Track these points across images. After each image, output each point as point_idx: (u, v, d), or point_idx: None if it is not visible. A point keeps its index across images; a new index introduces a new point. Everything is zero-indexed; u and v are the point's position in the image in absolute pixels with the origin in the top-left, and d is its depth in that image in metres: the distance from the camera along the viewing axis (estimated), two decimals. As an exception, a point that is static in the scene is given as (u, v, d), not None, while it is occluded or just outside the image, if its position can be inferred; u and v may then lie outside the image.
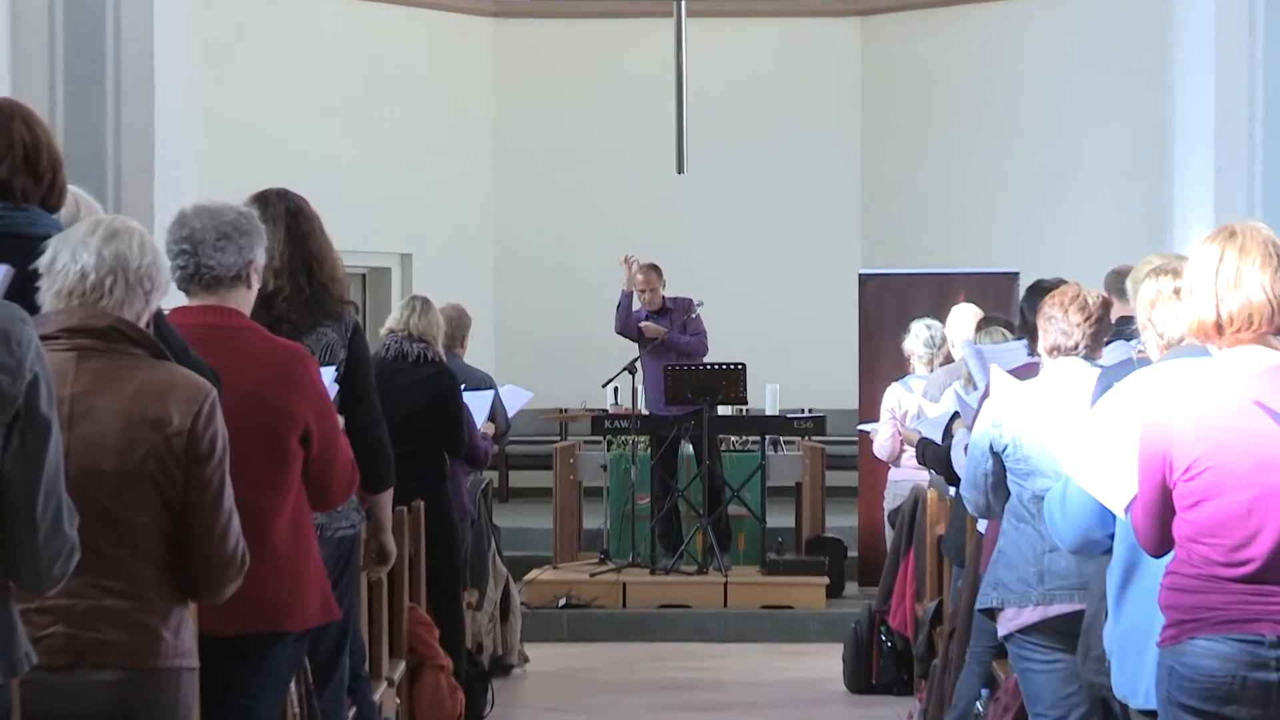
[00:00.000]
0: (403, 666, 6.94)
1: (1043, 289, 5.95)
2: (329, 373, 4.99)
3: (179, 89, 9.81)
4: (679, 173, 14.55)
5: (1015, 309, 9.01)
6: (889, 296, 12.38)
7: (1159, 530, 3.76)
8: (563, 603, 11.44)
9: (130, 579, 3.51)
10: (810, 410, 12.87)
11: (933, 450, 7.37)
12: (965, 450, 5.82)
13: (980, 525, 6.34)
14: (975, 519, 6.38)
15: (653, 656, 10.80)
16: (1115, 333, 5.58)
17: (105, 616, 3.49)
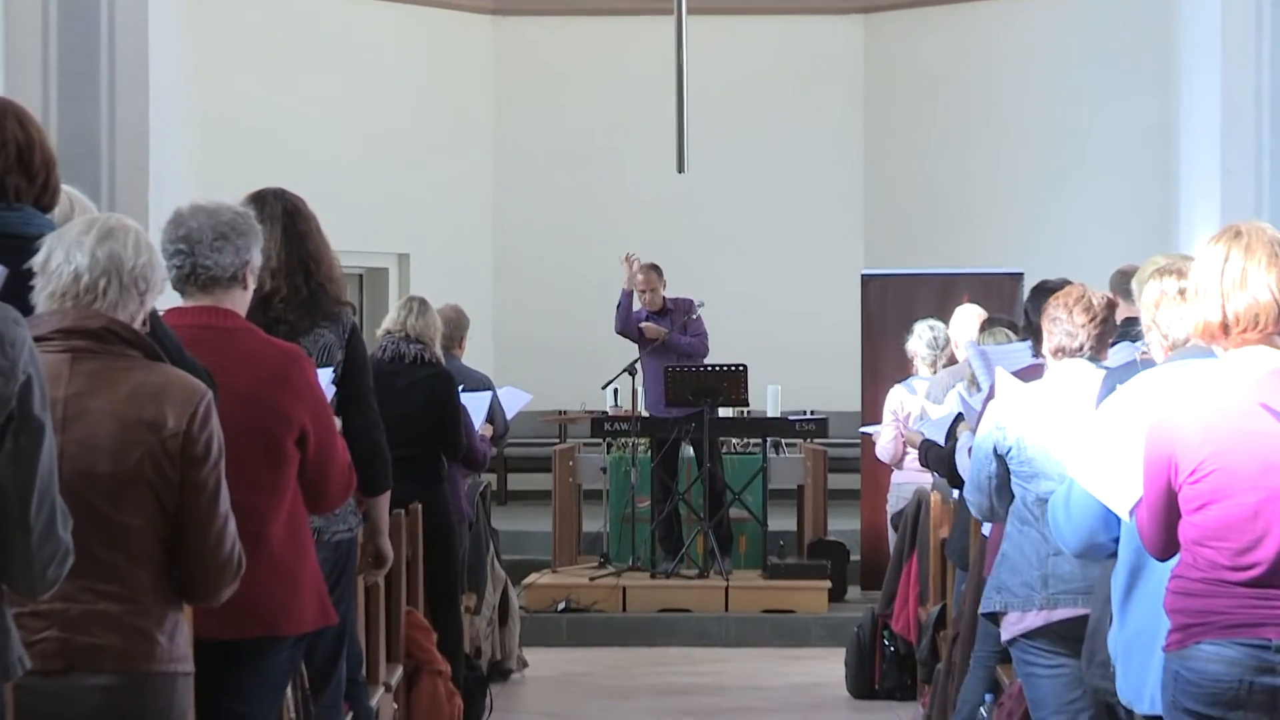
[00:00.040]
0: (400, 671, 6.92)
1: (1047, 290, 5.96)
2: (326, 374, 5.00)
3: (174, 87, 9.81)
4: (679, 172, 14.48)
5: (1019, 310, 8.99)
6: (892, 297, 12.35)
7: (1164, 533, 3.75)
8: (562, 607, 11.41)
9: (124, 582, 3.49)
10: (812, 412, 12.82)
11: (935, 452, 7.37)
12: (969, 453, 5.80)
13: (984, 528, 6.32)
14: (979, 522, 6.36)
15: (653, 661, 10.77)
16: (1121, 334, 5.58)
17: (99, 620, 3.47)
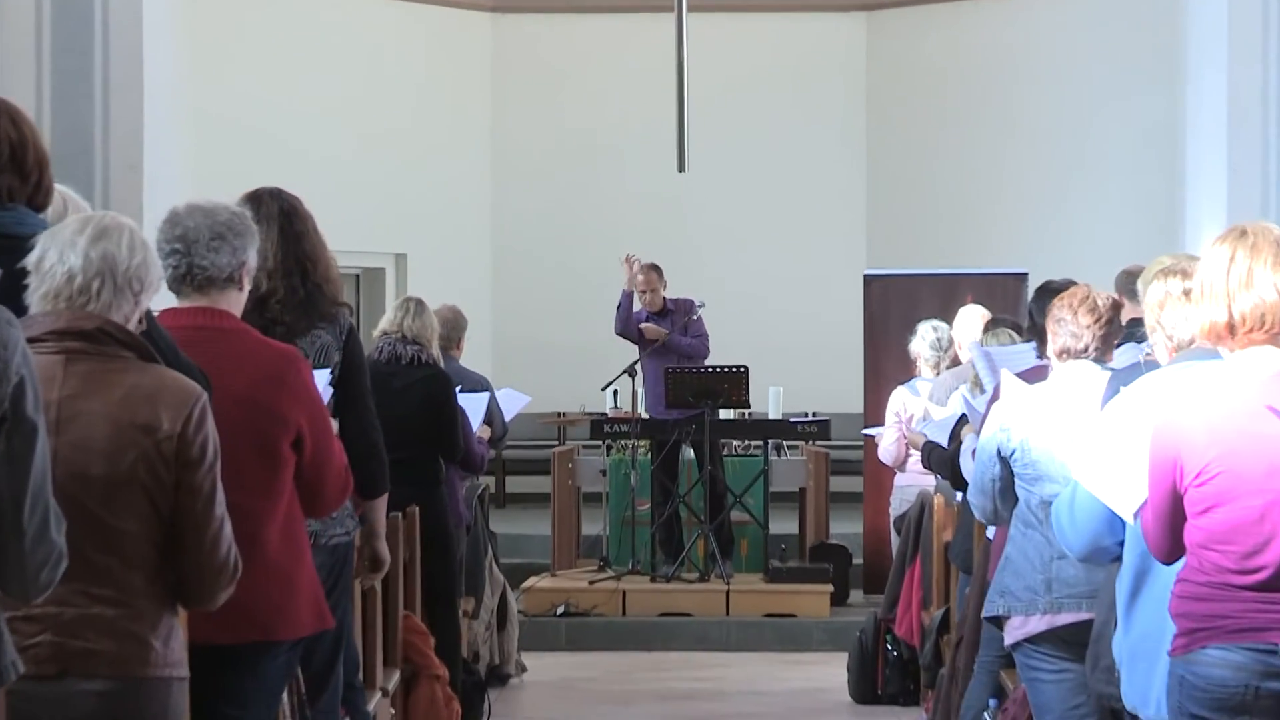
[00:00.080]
0: (397, 676, 6.90)
1: (1052, 290, 5.94)
2: (323, 376, 5.00)
3: (169, 85, 9.80)
4: (680, 171, 14.46)
5: (1024, 310, 8.95)
6: (894, 297, 12.32)
7: (1169, 537, 3.75)
8: (561, 611, 11.37)
9: (119, 586, 3.49)
10: (814, 414, 12.77)
11: (938, 454, 7.36)
12: (973, 455, 5.78)
13: (989, 531, 6.30)
14: (983, 525, 6.33)
15: (653, 666, 10.75)
16: (1126, 335, 5.58)
17: (93, 625, 3.47)
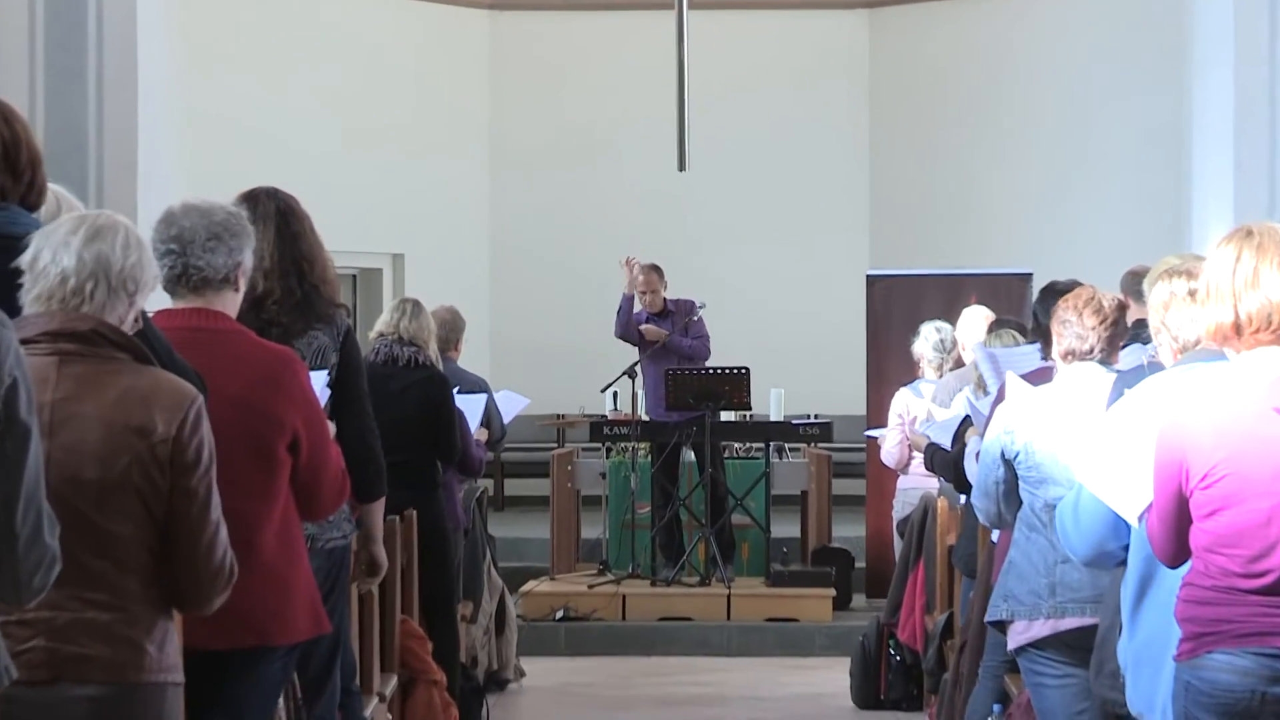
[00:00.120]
0: (395, 681, 6.88)
1: (1056, 291, 5.94)
2: (320, 377, 4.98)
3: (163, 83, 9.81)
4: (680, 170, 14.44)
5: (1028, 311, 8.97)
6: (898, 298, 12.29)
7: (1175, 540, 3.74)
8: (560, 615, 11.34)
9: (113, 591, 3.47)
10: (816, 416, 12.75)
11: (941, 456, 7.36)
12: (976, 457, 5.76)
13: (993, 535, 6.27)
14: (987, 528, 6.31)
15: (653, 671, 10.72)
16: (1132, 336, 5.59)
17: (87, 630, 3.45)
